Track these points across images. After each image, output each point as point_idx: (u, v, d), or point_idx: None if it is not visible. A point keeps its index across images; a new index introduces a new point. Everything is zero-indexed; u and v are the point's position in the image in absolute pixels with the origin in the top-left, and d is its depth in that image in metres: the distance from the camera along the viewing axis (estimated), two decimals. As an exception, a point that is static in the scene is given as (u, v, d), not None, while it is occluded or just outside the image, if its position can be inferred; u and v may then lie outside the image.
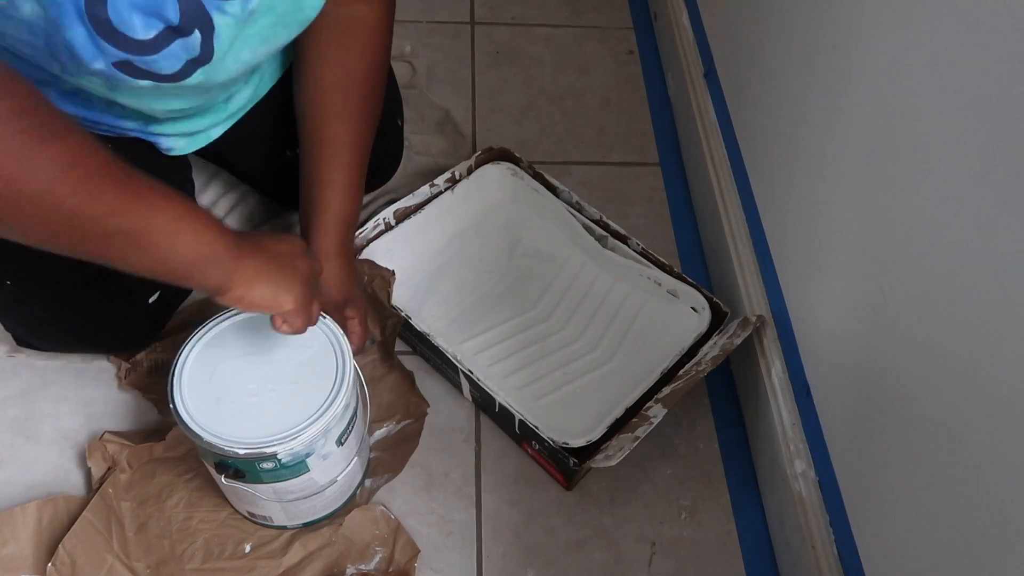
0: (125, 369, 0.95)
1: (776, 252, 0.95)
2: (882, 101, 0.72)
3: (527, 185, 1.09)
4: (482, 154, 1.10)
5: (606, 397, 0.93)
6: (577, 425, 0.88)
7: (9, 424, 0.93)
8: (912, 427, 0.68)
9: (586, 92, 1.34)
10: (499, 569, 0.87)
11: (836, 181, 0.81)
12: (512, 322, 1.01)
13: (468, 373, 0.90)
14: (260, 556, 0.84)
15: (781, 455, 0.87)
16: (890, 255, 0.71)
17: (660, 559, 0.89)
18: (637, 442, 0.83)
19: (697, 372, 0.89)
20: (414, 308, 1.00)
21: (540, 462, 0.92)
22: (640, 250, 1.03)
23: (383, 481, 0.91)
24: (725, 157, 1.09)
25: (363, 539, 0.86)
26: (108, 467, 0.88)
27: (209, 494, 0.87)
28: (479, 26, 1.43)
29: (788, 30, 0.92)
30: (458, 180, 1.09)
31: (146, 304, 0.89)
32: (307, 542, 0.85)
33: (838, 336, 0.81)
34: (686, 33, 1.26)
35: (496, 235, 1.10)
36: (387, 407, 0.95)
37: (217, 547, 0.84)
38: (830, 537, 0.80)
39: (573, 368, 0.97)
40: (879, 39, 0.73)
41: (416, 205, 1.06)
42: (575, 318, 1.02)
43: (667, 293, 1.02)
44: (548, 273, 1.06)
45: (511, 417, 0.88)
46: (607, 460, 0.81)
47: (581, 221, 1.06)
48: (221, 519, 0.86)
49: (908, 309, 0.68)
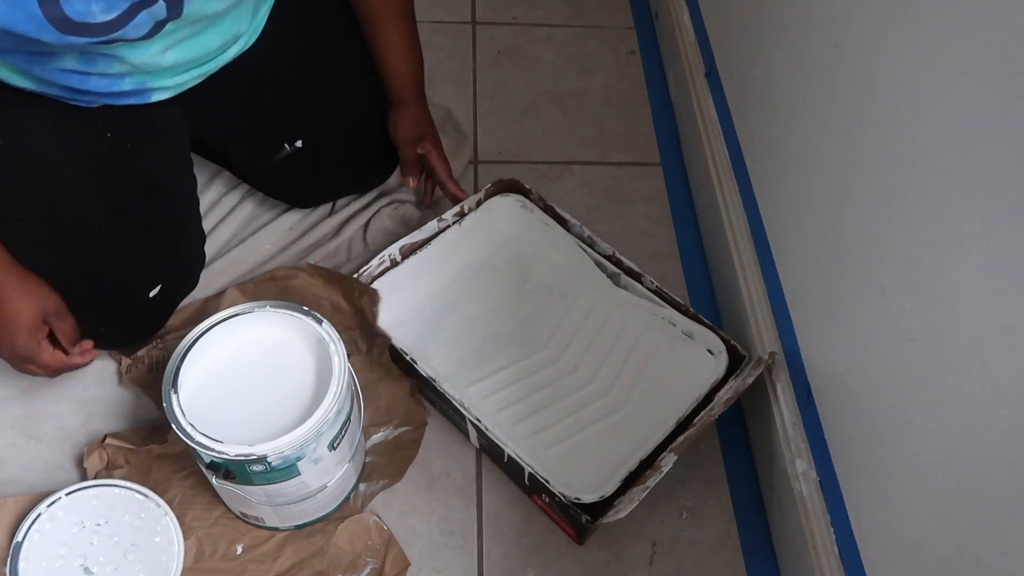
0: (126, 365, 0.95)
1: (777, 251, 0.95)
2: (883, 101, 0.72)
3: (537, 218, 1.05)
4: (491, 186, 1.06)
5: (619, 447, 0.89)
6: (589, 477, 0.86)
7: (10, 423, 0.93)
8: (913, 426, 0.68)
9: (587, 92, 1.34)
10: (500, 568, 0.87)
11: (837, 180, 0.81)
12: (521, 364, 0.98)
13: (476, 422, 0.87)
14: (251, 559, 0.84)
15: (782, 455, 0.87)
16: (891, 254, 0.71)
17: (661, 559, 0.89)
18: (647, 491, 0.81)
19: (709, 417, 0.86)
20: (419, 349, 0.96)
21: (551, 515, 0.89)
22: (654, 288, 0.99)
23: (379, 487, 0.90)
24: (726, 157, 1.09)
25: (355, 549, 0.86)
26: (103, 467, 0.88)
27: (203, 492, 0.87)
28: (480, 26, 1.43)
29: (789, 30, 0.92)
30: (466, 213, 1.05)
31: (147, 297, 0.89)
32: (299, 549, 0.84)
33: (840, 335, 0.81)
34: (687, 33, 1.26)
35: (504, 270, 1.06)
36: (384, 411, 0.94)
37: (209, 546, 0.84)
38: (831, 537, 0.80)
39: (584, 415, 0.94)
40: (880, 39, 0.73)
41: (423, 240, 1.02)
42: (586, 360, 0.98)
43: (682, 334, 0.98)
44: (558, 311, 1.02)
45: (520, 469, 0.85)
46: (616, 514, 0.79)
47: (593, 257, 1.02)
48: (214, 518, 0.86)
49: (908, 306, 0.68)
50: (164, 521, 0.82)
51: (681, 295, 1.10)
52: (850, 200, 0.78)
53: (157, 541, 0.81)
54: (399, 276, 1.00)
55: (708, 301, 1.10)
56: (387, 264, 1.00)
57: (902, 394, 0.70)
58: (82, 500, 0.83)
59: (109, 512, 0.82)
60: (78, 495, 0.83)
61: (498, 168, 1.22)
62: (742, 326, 0.99)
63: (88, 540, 0.81)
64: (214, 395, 0.74)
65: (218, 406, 0.74)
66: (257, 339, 0.78)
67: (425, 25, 1.40)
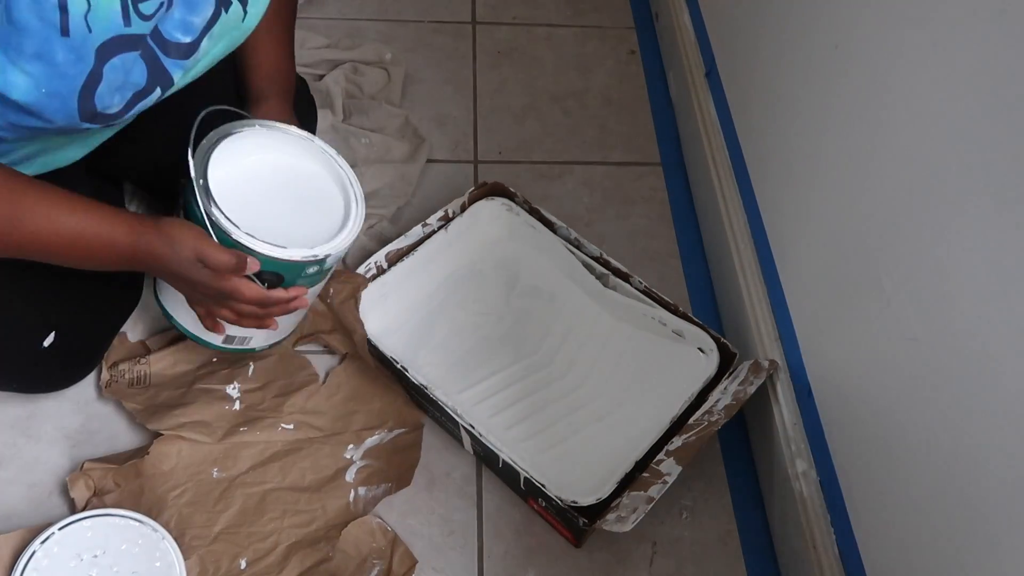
0: (106, 380, 0.93)
1: (777, 251, 0.95)
2: (883, 100, 0.72)
3: (523, 221, 1.05)
4: (475, 190, 1.06)
5: (614, 448, 0.89)
6: (584, 480, 0.86)
7: (10, 423, 0.93)
8: (913, 426, 0.68)
9: (587, 92, 1.34)
10: (500, 569, 0.87)
11: (837, 180, 0.81)
12: (512, 368, 0.97)
13: (470, 428, 0.87)
14: (256, 572, 0.83)
15: (782, 455, 0.87)
16: (891, 254, 0.71)
17: (661, 559, 0.89)
18: (652, 503, 0.80)
19: (710, 424, 0.85)
20: (409, 356, 0.95)
21: (547, 519, 0.89)
22: (643, 288, 0.99)
23: (381, 492, 0.90)
24: (726, 156, 1.09)
25: (360, 553, 0.85)
26: (91, 495, 0.85)
27: (199, 510, 0.85)
28: (480, 26, 1.43)
29: (789, 30, 0.92)
30: (451, 218, 1.04)
31: (38, 347, 0.84)
32: (304, 558, 0.84)
33: (840, 334, 0.81)
34: (687, 33, 1.26)
35: (492, 275, 1.05)
36: (378, 414, 0.93)
37: (212, 564, 0.82)
38: (831, 537, 0.80)
39: (578, 417, 0.94)
40: (880, 39, 0.73)
41: (408, 247, 1.02)
42: (578, 363, 0.98)
43: (672, 333, 0.98)
44: (548, 314, 1.02)
45: (516, 474, 0.85)
46: (621, 524, 0.78)
47: (581, 258, 1.02)
48: (213, 534, 0.84)
49: (909, 306, 0.68)
50: (163, 545, 0.80)
51: (681, 295, 1.10)
52: (851, 200, 0.78)
53: (158, 566, 0.80)
54: (386, 284, 0.99)
55: (708, 301, 1.10)
56: (374, 271, 0.99)
57: (902, 394, 0.69)
58: (76, 533, 0.80)
59: (106, 542, 0.80)
60: (71, 528, 0.80)
61: (498, 168, 1.22)
62: (742, 326, 0.99)
63: (87, 573, 0.79)
64: (252, 205, 0.76)
65: (261, 215, 0.76)
66: (269, 154, 0.81)
67: (425, 25, 1.41)
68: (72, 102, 0.65)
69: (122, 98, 0.69)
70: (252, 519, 0.86)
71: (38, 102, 0.63)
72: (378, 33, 1.37)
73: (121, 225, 0.71)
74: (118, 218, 0.71)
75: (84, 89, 0.64)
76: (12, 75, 0.61)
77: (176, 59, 0.71)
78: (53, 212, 0.68)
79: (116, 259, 0.72)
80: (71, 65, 0.62)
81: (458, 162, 1.23)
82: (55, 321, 0.85)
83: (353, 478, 0.90)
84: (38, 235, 0.68)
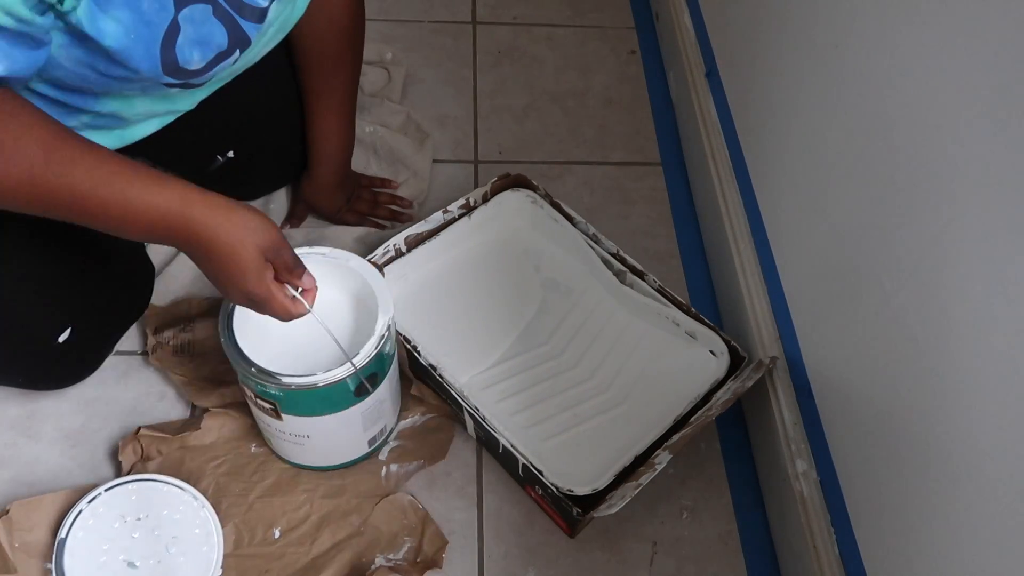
0: (152, 345, 0.94)
1: (777, 251, 0.95)
2: (883, 100, 0.72)
3: (546, 214, 1.06)
4: (498, 180, 1.07)
5: (615, 442, 0.89)
6: (584, 470, 0.86)
7: (10, 423, 0.93)
8: (913, 426, 0.68)
9: (588, 92, 1.34)
10: (500, 569, 0.87)
11: (837, 180, 0.81)
12: (523, 356, 0.98)
13: (473, 412, 0.87)
14: (289, 543, 0.85)
15: (782, 455, 0.87)
16: (891, 254, 0.71)
17: (661, 559, 0.89)
18: (639, 488, 0.81)
19: (707, 417, 0.86)
20: (422, 338, 0.95)
21: (544, 507, 0.90)
22: (658, 287, 0.99)
23: (413, 468, 0.91)
24: (727, 156, 1.09)
25: (391, 529, 0.87)
26: (136, 459, 0.89)
27: (236, 479, 0.88)
28: (481, 26, 1.43)
29: (790, 30, 0.92)
30: (473, 207, 1.06)
31: (54, 343, 0.84)
32: (336, 530, 0.86)
33: (840, 334, 0.81)
34: (688, 33, 1.26)
35: (513, 264, 1.06)
36: (411, 402, 0.95)
37: (247, 532, 0.85)
38: (832, 537, 0.80)
39: (583, 409, 0.94)
40: (880, 38, 0.73)
41: (429, 231, 1.03)
42: (588, 355, 0.98)
43: (685, 335, 0.98)
44: (564, 306, 1.03)
45: (515, 460, 0.86)
46: (608, 508, 0.79)
47: (599, 254, 1.03)
48: (249, 503, 0.87)
49: (909, 306, 0.68)
50: (203, 513, 0.83)
51: (681, 295, 1.09)
52: (851, 200, 0.78)
53: (197, 532, 0.82)
54: (405, 266, 1.01)
55: (708, 301, 1.10)
56: (392, 254, 1.01)
57: (902, 394, 0.69)
58: (122, 495, 0.83)
59: (148, 506, 0.83)
60: (117, 490, 0.83)
61: (498, 168, 1.22)
62: (742, 326, 0.99)
63: (130, 534, 0.82)
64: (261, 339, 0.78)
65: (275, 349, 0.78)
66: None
67: (425, 25, 1.41)
68: (155, 49, 0.68)
69: (202, 56, 0.72)
70: (287, 489, 0.89)
71: (126, 49, 0.66)
72: (378, 33, 1.37)
73: (171, 189, 0.67)
74: (169, 181, 0.67)
75: (166, 38, 0.68)
76: (103, 22, 0.63)
77: (251, 21, 0.74)
78: (97, 161, 0.65)
79: (154, 225, 0.67)
80: (155, 13, 0.67)
81: (458, 162, 1.23)
82: (72, 317, 0.85)
83: (386, 457, 0.92)
84: (75, 188, 0.64)
